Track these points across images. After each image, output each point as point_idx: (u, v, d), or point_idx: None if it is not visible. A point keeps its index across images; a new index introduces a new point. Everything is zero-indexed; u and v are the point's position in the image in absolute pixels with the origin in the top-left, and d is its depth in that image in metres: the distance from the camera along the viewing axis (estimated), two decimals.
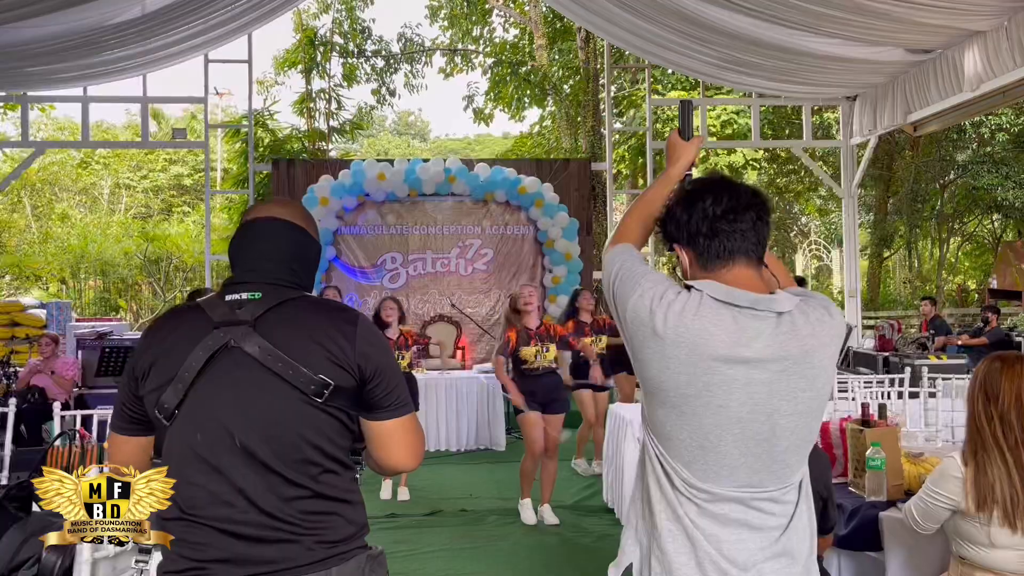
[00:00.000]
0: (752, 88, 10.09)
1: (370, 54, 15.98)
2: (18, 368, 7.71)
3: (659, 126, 14.07)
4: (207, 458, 1.52)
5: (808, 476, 1.59)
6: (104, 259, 18.86)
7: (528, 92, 16.74)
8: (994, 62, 6.84)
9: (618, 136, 15.60)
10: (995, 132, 16.62)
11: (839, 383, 4.84)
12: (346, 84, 14.28)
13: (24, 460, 3.51)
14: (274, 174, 10.64)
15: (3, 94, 9.97)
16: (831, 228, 21.20)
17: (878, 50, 7.84)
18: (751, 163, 16.95)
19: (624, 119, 16.03)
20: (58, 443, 3.09)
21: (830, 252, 21.94)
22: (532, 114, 34.99)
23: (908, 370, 4.85)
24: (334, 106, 13.45)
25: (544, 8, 16.11)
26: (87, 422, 3.98)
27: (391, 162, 10.43)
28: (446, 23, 17.88)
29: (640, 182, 16.41)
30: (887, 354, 7.67)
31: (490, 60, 17.53)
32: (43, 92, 10.08)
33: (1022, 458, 2.25)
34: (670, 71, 14.24)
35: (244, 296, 1.59)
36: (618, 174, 15.87)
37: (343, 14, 15.18)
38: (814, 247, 22.32)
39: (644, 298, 1.51)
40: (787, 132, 15.48)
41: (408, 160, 10.49)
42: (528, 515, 5.30)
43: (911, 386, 4.47)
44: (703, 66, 9.24)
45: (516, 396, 5.22)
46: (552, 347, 5.31)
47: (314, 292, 1.75)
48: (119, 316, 17.90)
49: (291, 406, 1.52)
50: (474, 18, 17.53)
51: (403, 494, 6.01)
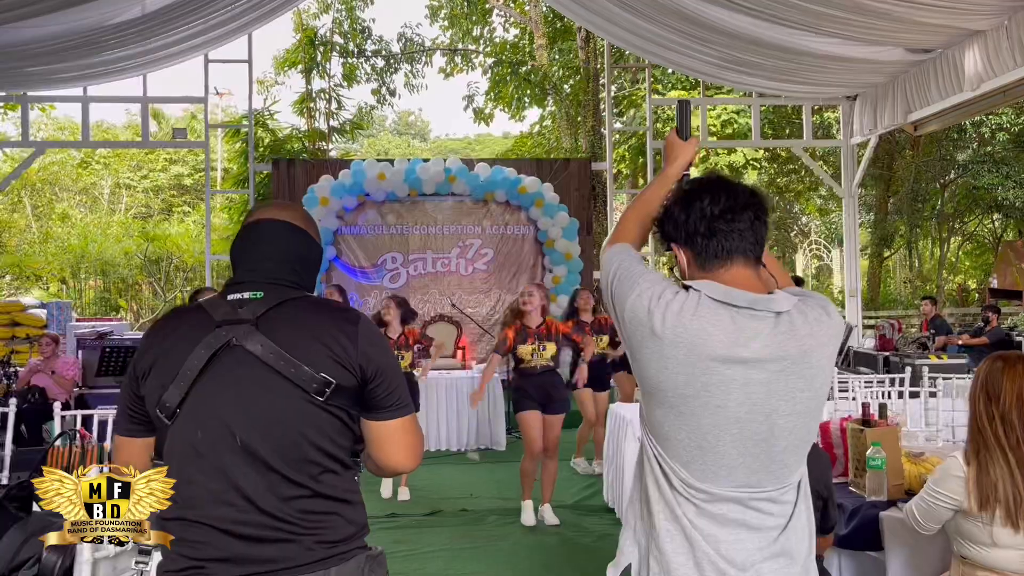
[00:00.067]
0: (752, 88, 10.09)
1: (370, 54, 15.98)
2: (18, 368, 7.71)
3: (659, 126, 14.06)
4: (208, 457, 1.52)
5: (807, 476, 1.58)
6: (104, 259, 18.86)
7: (528, 92, 16.73)
8: (994, 62, 6.84)
9: (618, 136, 15.59)
10: (995, 132, 16.61)
11: (840, 383, 4.84)
12: (346, 84, 14.29)
13: (24, 460, 3.51)
14: (274, 174, 10.64)
15: (3, 94, 9.97)
16: (831, 228, 21.20)
17: (878, 50, 7.84)
18: (751, 163, 16.96)
19: (624, 119, 16.03)
20: (58, 443, 3.09)
21: (830, 252, 21.94)
22: (532, 114, 35.09)
23: (909, 370, 4.85)
24: (334, 106, 13.45)
25: (544, 8, 16.10)
26: (87, 422, 3.98)
27: (391, 162, 10.42)
28: (446, 23, 17.88)
29: (640, 182, 16.40)
30: (888, 354, 7.66)
31: (490, 60, 17.52)
32: (43, 92, 10.08)
33: None
34: (670, 71, 14.24)
35: (246, 295, 1.59)
36: (618, 174, 15.86)
37: (343, 14, 15.17)
38: (814, 247, 22.31)
39: (642, 298, 1.51)
40: (787, 132, 15.46)
41: (408, 160, 10.49)
42: (528, 517, 5.26)
43: (912, 386, 4.46)
44: (703, 66, 9.24)
45: (479, 392, 5.62)
46: (550, 345, 5.23)
47: (315, 293, 1.75)
48: (119, 316, 17.89)
49: (293, 405, 1.52)
50: (474, 18, 17.53)
51: (403, 494, 6.00)
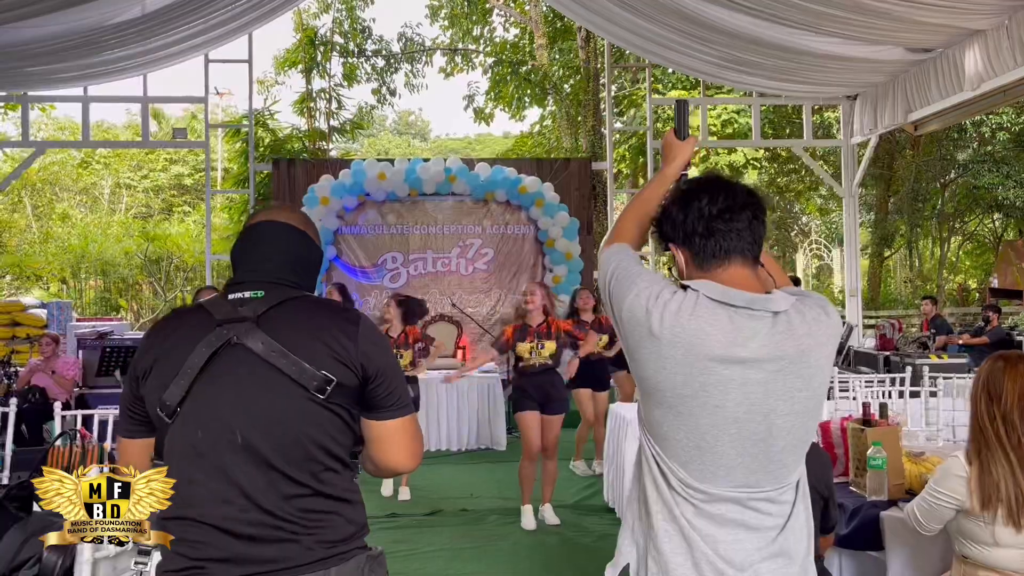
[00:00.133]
0: (752, 87, 10.08)
1: (370, 54, 15.99)
2: (19, 368, 7.71)
3: (659, 125, 14.05)
4: (209, 456, 1.51)
5: (805, 476, 1.58)
6: (105, 259, 18.86)
7: (528, 91, 16.74)
8: (995, 61, 6.84)
9: (618, 135, 15.59)
10: (996, 131, 16.60)
11: (840, 382, 4.84)
12: (346, 84, 14.29)
13: (25, 460, 3.51)
14: (274, 174, 10.64)
15: (3, 94, 9.97)
16: (832, 227, 21.18)
17: (878, 49, 7.84)
18: (752, 162, 16.96)
19: (624, 118, 16.02)
20: (59, 443, 3.09)
21: (831, 251, 21.93)
22: (532, 114, 35.07)
23: (909, 369, 4.85)
24: (334, 106, 13.45)
25: (544, 7, 16.09)
26: (88, 422, 3.98)
27: (391, 162, 10.42)
28: (446, 23, 17.88)
29: (641, 181, 16.39)
30: (888, 353, 7.66)
31: (490, 60, 17.53)
32: (43, 92, 10.08)
33: None
34: (670, 70, 14.23)
35: (247, 295, 1.60)
36: (619, 174, 15.85)
37: (343, 14, 15.18)
38: (815, 246, 22.30)
39: (640, 298, 1.50)
40: (788, 131, 15.45)
41: (408, 160, 10.49)
42: (528, 521, 5.21)
43: (912, 385, 4.46)
44: (703, 65, 9.23)
45: (455, 374, 6.02)
46: (549, 344, 5.19)
47: (315, 294, 1.75)
48: (120, 316, 17.90)
49: (294, 403, 1.52)
50: (474, 18, 17.53)
51: (404, 494, 6.00)
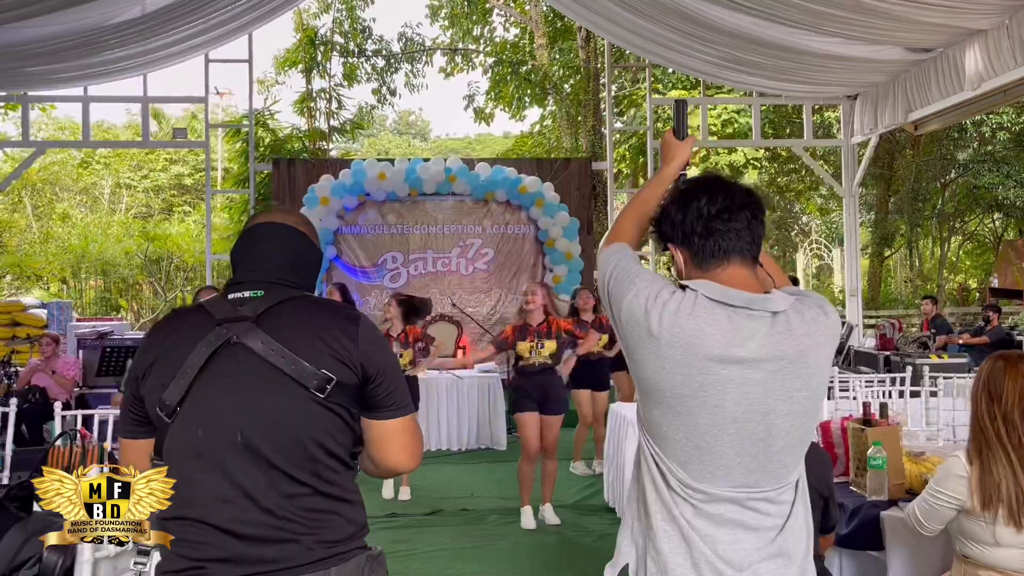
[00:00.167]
0: (753, 87, 10.08)
1: (370, 53, 15.99)
2: (19, 368, 7.71)
3: (660, 125, 14.04)
4: (209, 455, 1.51)
5: (804, 476, 1.58)
6: (105, 259, 18.86)
7: (529, 91, 16.74)
8: (995, 61, 6.83)
9: (619, 135, 15.58)
10: (996, 131, 16.60)
11: (841, 382, 4.83)
12: (346, 84, 14.31)
13: (25, 460, 3.50)
14: (275, 174, 10.64)
15: (3, 94, 9.97)
16: (832, 227, 21.17)
17: (879, 49, 7.83)
18: (752, 162, 16.95)
19: (625, 118, 16.02)
20: (59, 443, 3.08)
21: (831, 251, 21.92)
22: (533, 113, 35.09)
23: (909, 369, 4.84)
24: (335, 106, 13.46)
25: (544, 7, 16.09)
26: (88, 422, 3.98)
27: (392, 161, 10.43)
28: (446, 22, 17.89)
29: (641, 181, 16.38)
30: (888, 353, 7.65)
31: (491, 59, 17.53)
32: (43, 92, 10.08)
33: None
34: (671, 70, 14.23)
35: (247, 294, 1.60)
36: (619, 173, 15.85)
37: (343, 14, 15.18)
38: (815, 246, 22.30)
39: (639, 298, 1.50)
40: (788, 131, 15.45)
41: (409, 160, 10.50)
42: (528, 521, 5.21)
43: (912, 385, 4.46)
44: (704, 65, 9.23)
45: (453, 360, 5.93)
46: (549, 343, 5.16)
47: (316, 294, 1.76)
48: (120, 316, 17.90)
49: (294, 402, 1.52)
50: (474, 17, 17.54)
51: (404, 493, 6.00)
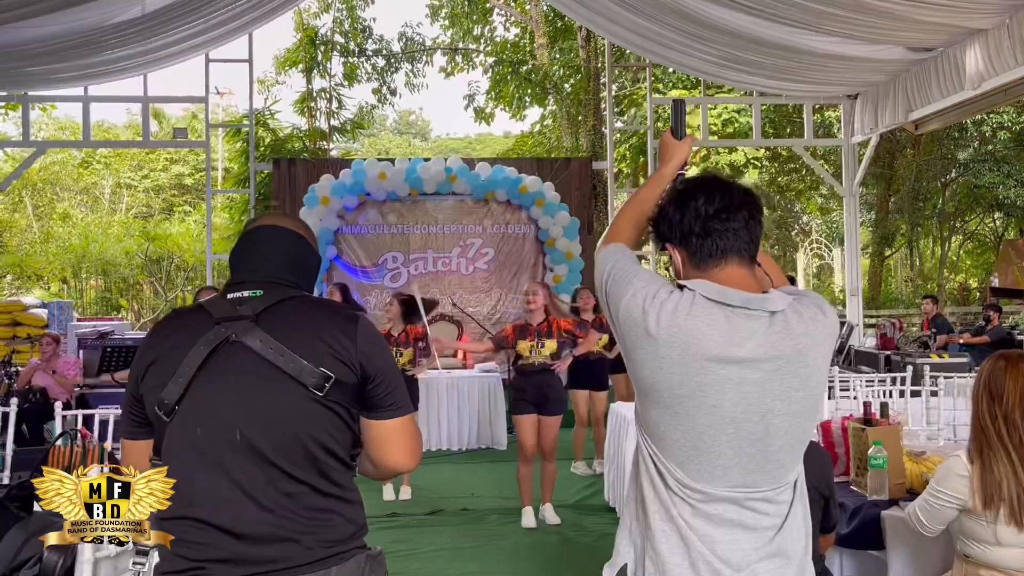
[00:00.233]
0: (753, 86, 10.08)
1: (371, 53, 15.99)
2: (19, 368, 7.71)
3: (660, 125, 14.02)
4: (208, 455, 1.51)
5: (803, 475, 1.58)
6: (105, 259, 18.87)
7: (529, 91, 16.73)
8: (995, 60, 6.83)
9: (619, 135, 15.58)
10: (996, 130, 16.60)
11: (841, 382, 4.83)
12: (347, 83, 14.30)
13: (25, 460, 3.51)
14: (275, 173, 10.64)
15: (4, 94, 9.97)
16: (832, 227, 21.16)
17: (879, 48, 7.83)
18: (752, 162, 16.94)
19: (625, 118, 16.01)
20: (59, 443, 3.09)
21: (831, 251, 21.91)
22: (533, 113, 35.07)
23: (910, 369, 4.85)
24: (335, 105, 13.46)
25: (545, 7, 16.09)
26: (88, 422, 3.98)
27: (392, 161, 10.43)
28: (447, 22, 17.89)
29: (641, 181, 16.38)
30: (889, 353, 7.65)
31: (491, 59, 17.53)
32: (44, 92, 10.08)
33: None
34: (671, 70, 14.22)
35: (246, 294, 1.60)
36: (619, 173, 15.85)
37: (344, 13, 15.18)
38: (815, 246, 22.29)
39: (636, 298, 1.50)
40: (788, 131, 15.45)
41: (409, 159, 10.50)
42: (528, 520, 5.21)
43: (913, 385, 4.46)
44: (704, 65, 9.23)
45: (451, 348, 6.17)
46: (549, 343, 5.14)
47: (315, 294, 1.76)
48: (120, 316, 17.92)
49: (293, 401, 1.52)
50: (475, 17, 17.54)
51: (405, 493, 6.01)
